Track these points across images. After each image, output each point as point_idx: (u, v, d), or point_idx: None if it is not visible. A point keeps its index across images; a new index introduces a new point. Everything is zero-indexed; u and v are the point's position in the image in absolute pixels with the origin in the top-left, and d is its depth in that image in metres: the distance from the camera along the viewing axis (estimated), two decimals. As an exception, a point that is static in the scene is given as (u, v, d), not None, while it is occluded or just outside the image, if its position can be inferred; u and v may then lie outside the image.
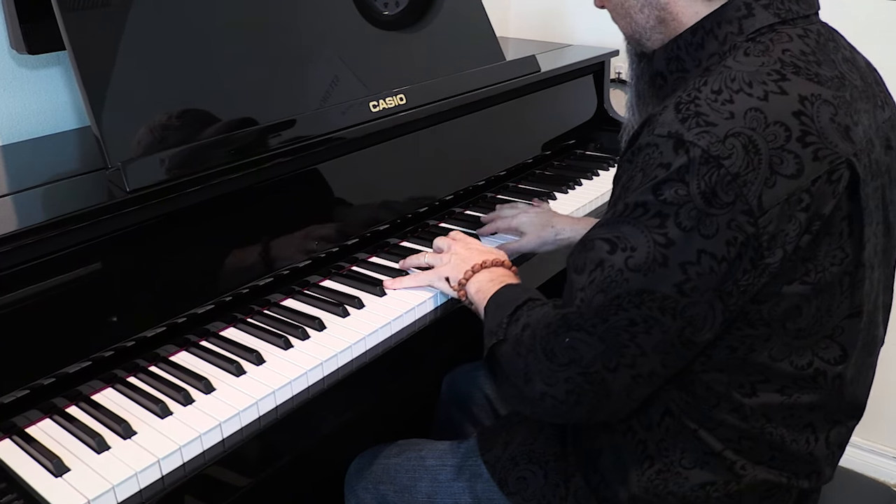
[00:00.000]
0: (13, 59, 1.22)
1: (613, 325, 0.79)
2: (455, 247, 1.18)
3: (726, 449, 0.88)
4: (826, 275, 0.80)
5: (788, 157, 0.75)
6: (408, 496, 1.14)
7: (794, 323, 0.81)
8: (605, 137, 1.88)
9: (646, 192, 0.77)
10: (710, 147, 0.73)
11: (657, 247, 0.76)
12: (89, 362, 0.98)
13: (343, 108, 1.26)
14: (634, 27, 0.93)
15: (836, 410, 0.89)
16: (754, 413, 0.86)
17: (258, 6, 1.25)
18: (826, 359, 0.85)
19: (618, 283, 0.78)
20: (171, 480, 0.86)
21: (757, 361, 0.83)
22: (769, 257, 0.76)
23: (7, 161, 1.18)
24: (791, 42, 0.81)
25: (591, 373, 0.82)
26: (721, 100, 0.76)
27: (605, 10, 0.99)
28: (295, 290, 1.20)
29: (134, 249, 1.01)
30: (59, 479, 0.83)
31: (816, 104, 0.77)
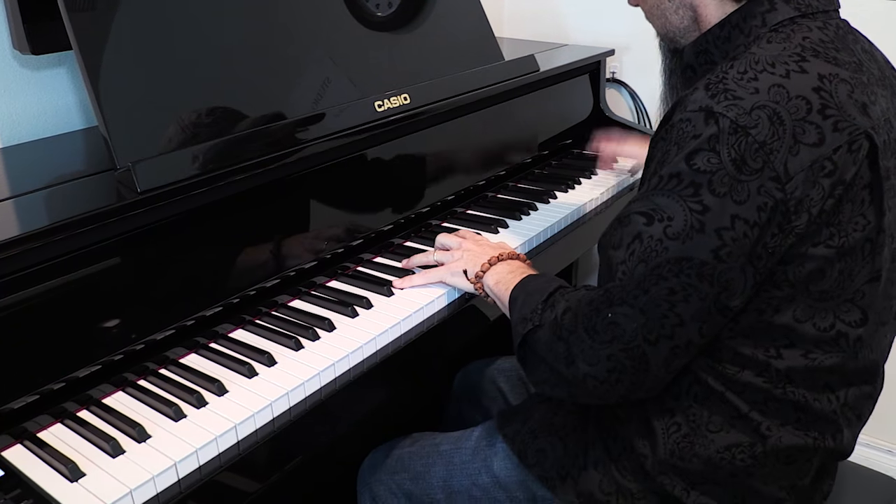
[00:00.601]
0: (16, 59, 1.21)
1: (654, 296, 0.82)
2: (465, 243, 1.20)
3: (752, 410, 0.90)
4: (849, 240, 0.84)
5: (810, 127, 0.79)
6: (423, 482, 1.15)
7: (817, 285, 0.85)
8: (602, 136, 1.88)
9: (679, 162, 0.81)
10: (738, 118, 0.78)
11: (693, 214, 0.80)
12: (99, 366, 0.97)
13: (348, 108, 1.25)
14: (669, 27, 0.99)
15: (850, 373, 0.91)
16: (779, 375, 0.88)
17: (260, 9, 1.24)
18: (847, 321, 0.88)
19: (657, 253, 0.82)
20: (187, 484, 0.85)
21: (782, 323, 0.86)
22: (795, 220, 0.80)
23: (12, 163, 1.16)
24: (811, 32, 0.87)
25: (631, 347, 0.85)
26: (747, 78, 0.81)
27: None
28: (302, 291, 1.19)
29: (142, 251, 1.00)
30: (75, 484, 0.82)
31: (834, 82, 0.82)
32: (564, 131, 1.82)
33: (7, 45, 1.19)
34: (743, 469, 0.92)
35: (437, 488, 1.14)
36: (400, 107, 1.32)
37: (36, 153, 1.19)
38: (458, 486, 1.12)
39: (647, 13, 1.02)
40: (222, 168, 1.04)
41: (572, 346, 0.89)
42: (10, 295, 0.89)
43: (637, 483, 0.97)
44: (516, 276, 1.07)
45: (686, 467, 0.94)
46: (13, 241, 0.88)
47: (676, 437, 0.94)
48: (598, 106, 1.89)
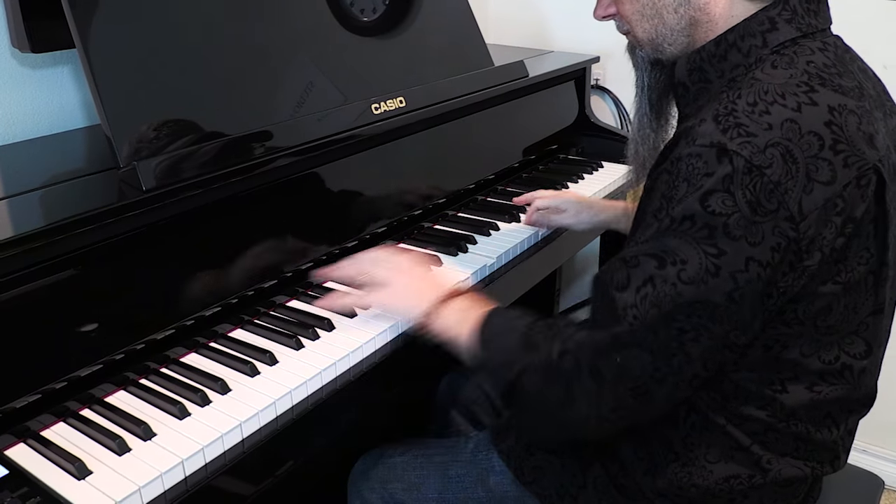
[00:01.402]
0: (15, 57, 1.21)
1: (663, 337, 0.80)
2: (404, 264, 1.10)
3: (754, 444, 0.90)
4: (854, 274, 0.83)
5: (823, 164, 0.77)
6: (416, 493, 1.14)
7: (824, 320, 0.84)
8: (587, 142, 1.92)
9: (692, 203, 0.77)
10: (753, 157, 0.75)
11: (708, 258, 0.77)
12: (100, 365, 0.97)
13: (330, 113, 1.26)
14: (661, 29, 0.92)
15: (853, 401, 0.92)
16: (783, 408, 0.88)
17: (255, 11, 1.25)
18: (852, 353, 0.88)
19: (671, 297, 0.79)
20: (193, 481, 0.85)
21: (788, 358, 0.86)
22: (808, 260, 0.78)
23: (11, 161, 1.16)
24: (814, 55, 0.84)
25: (638, 386, 0.82)
26: (758, 111, 0.78)
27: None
28: (299, 292, 1.20)
29: (144, 250, 1.00)
30: (83, 482, 0.81)
31: (844, 114, 0.80)
32: (551, 136, 1.84)
33: (6, 44, 1.18)
34: (740, 493, 0.93)
35: (432, 500, 1.13)
36: (395, 110, 1.33)
37: (36, 151, 1.19)
38: (452, 499, 1.12)
39: (633, 15, 0.94)
40: (227, 168, 1.04)
41: (574, 390, 0.85)
42: (12, 291, 0.89)
43: (636, 501, 0.97)
44: (472, 316, 0.98)
45: (684, 495, 0.94)
46: (14, 241, 0.87)
47: (675, 468, 0.93)
48: (583, 112, 1.92)
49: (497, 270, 1.32)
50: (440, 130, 1.50)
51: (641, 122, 1.05)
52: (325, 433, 1.02)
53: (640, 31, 0.95)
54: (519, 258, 1.37)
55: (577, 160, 1.86)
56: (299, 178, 1.20)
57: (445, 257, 1.31)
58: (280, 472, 0.95)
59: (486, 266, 1.29)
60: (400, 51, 1.48)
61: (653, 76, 1.01)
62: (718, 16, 0.88)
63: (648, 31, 0.94)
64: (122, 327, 0.98)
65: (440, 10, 1.58)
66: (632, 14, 0.94)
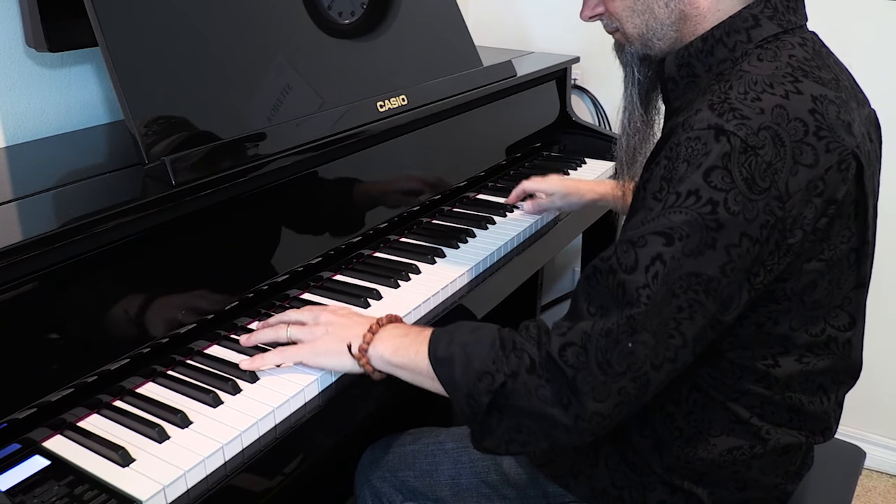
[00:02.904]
0: (31, 57, 1.22)
1: (665, 317, 0.82)
2: (323, 315, 1.03)
3: (752, 416, 0.96)
4: (837, 252, 0.89)
5: (807, 148, 0.83)
6: (430, 480, 1.17)
7: (810, 296, 0.90)
8: (568, 139, 1.98)
9: (697, 179, 0.81)
10: (748, 138, 0.80)
11: (708, 231, 0.80)
12: (128, 359, 0.98)
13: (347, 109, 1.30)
14: (651, 24, 0.96)
15: (842, 372, 0.98)
16: (777, 381, 0.94)
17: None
18: (837, 326, 0.94)
19: (675, 271, 0.81)
20: (232, 466, 0.88)
21: (779, 333, 0.91)
22: (791, 238, 0.84)
23: (31, 160, 1.17)
24: (794, 49, 0.90)
25: (639, 375, 0.83)
26: (750, 98, 0.83)
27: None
28: (311, 286, 1.23)
29: (172, 244, 1.03)
30: (127, 469, 0.84)
31: (825, 103, 0.86)
32: (534, 134, 1.90)
33: (21, 43, 1.19)
34: (743, 464, 0.98)
35: (445, 486, 1.16)
36: (399, 107, 1.37)
37: (58, 149, 1.20)
38: (466, 484, 1.14)
39: (624, 11, 0.98)
40: (248, 163, 1.08)
41: (578, 384, 0.83)
42: (46, 286, 0.90)
43: (648, 476, 1.02)
44: (419, 336, 0.95)
45: (692, 468, 0.99)
46: (46, 237, 0.89)
47: (679, 443, 0.98)
48: (564, 110, 1.97)
49: (496, 262, 1.37)
50: (432, 130, 1.54)
51: (632, 116, 1.09)
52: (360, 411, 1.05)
53: (630, 26, 0.98)
54: (515, 251, 1.42)
55: (559, 157, 1.92)
56: (305, 175, 1.24)
57: (448, 250, 1.35)
58: (313, 454, 0.97)
59: (488, 257, 1.34)
60: (384, 53, 1.51)
61: (641, 72, 1.05)
62: (706, 9, 0.93)
63: (639, 27, 0.98)
64: (149, 321, 1.00)
65: (426, 12, 1.62)
66: (622, 10, 0.98)
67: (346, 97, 1.35)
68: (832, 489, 1.23)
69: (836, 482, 1.24)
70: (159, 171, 0.99)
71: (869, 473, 2.13)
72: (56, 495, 0.80)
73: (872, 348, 1.94)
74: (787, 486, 1.03)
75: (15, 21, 1.19)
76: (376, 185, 1.39)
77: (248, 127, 1.15)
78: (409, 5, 1.57)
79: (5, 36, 1.20)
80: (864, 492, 2.08)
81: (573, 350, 0.84)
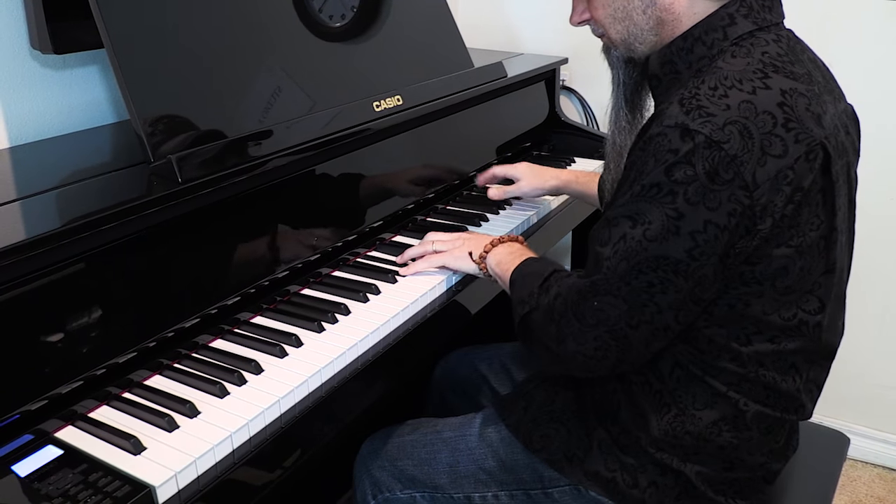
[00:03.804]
0: (36, 59, 1.25)
1: (635, 288, 0.93)
2: (462, 234, 1.30)
3: (730, 390, 1.01)
4: (806, 239, 0.94)
5: (776, 140, 0.88)
6: (428, 468, 1.21)
7: (781, 281, 0.95)
8: (557, 139, 2.02)
9: (659, 174, 0.89)
10: (712, 134, 0.86)
11: (670, 219, 0.89)
12: (135, 352, 1.01)
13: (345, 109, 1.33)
14: (632, 30, 1.02)
15: (813, 353, 1.03)
16: (750, 360, 0.99)
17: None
18: (807, 310, 0.99)
19: (637, 252, 0.91)
20: (240, 454, 0.91)
21: (752, 315, 0.97)
22: (760, 224, 0.89)
23: (37, 159, 1.19)
24: (768, 46, 0.95)
25: (615, 330, 0.95)
26: (718, 94, 0.89)
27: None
28: (311, 282, 1.26)
29: (176, 240, 1.06)
30: (140, 457, 0.86)
31: (794, 96, 0.90)
32: (524, 134, 1.93)
33: (26, 45, 1.22)
34: (729, 442, 1.03)
35: (443, 473, 1.19)
36: (394, 107, 1.40)
37: (62, 149, 1.23)
38: (464, 472, 1.18)
39: (606, 18, 1.04)
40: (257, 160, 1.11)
41: (563, 328, 0.99)
42: (55, 281, 0.93)
43: (638, 458, 1.06)
44: (516, 258, 1.17)
45: (680, 443, 1.03)
46: (56, 234, 0.91)
47: (668, 418, 1.03)
48: (553, 110, 2.01)
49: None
50: (425, 130, 1.57)
51: (618, 115, 1.15)
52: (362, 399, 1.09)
53: (613, 32, 1.05)
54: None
55: (550, 156, 1.96)
56: (301, 175, 1.27)
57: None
58: (316, 443, 1.00)
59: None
60: (376, 55, 1.54)
61: (627, 73, 1.11)
62: (682, 13, 0.98)
63: (621, 32, 1.04)
64: (154, 315, 1.03)
65: (417, 14, 1.65)
66: (605, 18, 1.04)
67: (341, 99, 1.38)
68: (817, 473, 1.28)
69: (820, 467, 1.29)
70: (165, 170, 1.02)
71: (854, 463, 2.18)
72: (71, 482, 0.82)
73: (858, 340, 2.01)
74: (772, 465, 1.08)
75: (20, 24, 1.22)
76: (372, 183, 1.42)
77: (251, 126, 1.18)
78: (399, 8, 1.60)
79: (10, 38, 1.23)
80: (849, 481, 2.12)
81: (560, 300, 1.01)
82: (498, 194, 1.56)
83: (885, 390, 2.11)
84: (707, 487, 1.05)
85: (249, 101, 1.23)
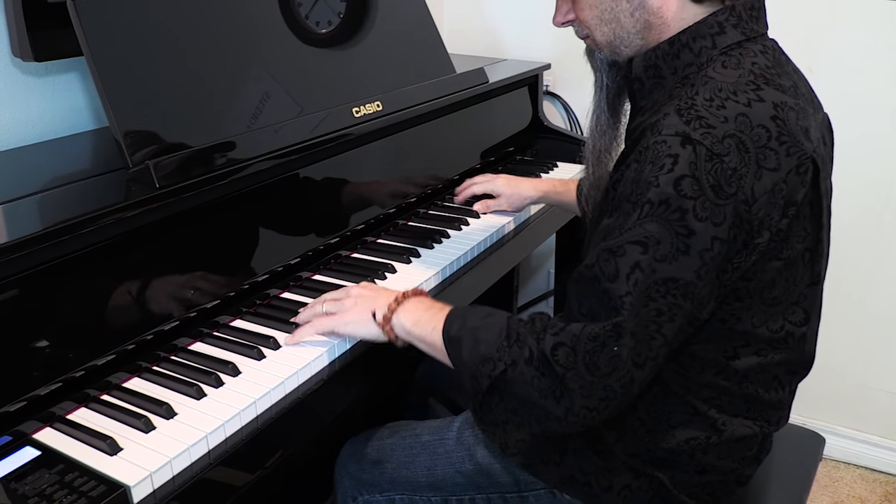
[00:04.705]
0: (17, 66, 1.26)
1: (644, 318, 0.86)
2: (354, 290, 1.13)
3: (711, 408, 1.01)
4: (794, 251, 0.94)
5: (770, 153, 0.88)
6: (407, 472, 1.22)
7: (769, 293, 0.95)
8: (540, 144, 2.04)
9: (666, 187, 0.85)
10: (713, 146, 0.85)
11: (680, 238, 0.85)
12: (114, 355, 1.02)
13: (324, 115, 1.35)
14: (618, 32, 1.00)
15: (796, 364, 1.04)
16: (736, 373, 0.99)
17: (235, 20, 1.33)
18: (794, 322, 0.99)
19: (647, 276, 0.86)
20: (216, 454, 0.92)
21: (741, 329, 0.96)
22: (758, 238, 0.89)
23: (19, 164, 1.21)
24: (756, 57, 0.95)
25: (624, 375, 0.88)
26: (715, 105, 0.88)
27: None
28: (291, 285, 1.27)
29: (154, 245, 1.07)
30: (116, 458, 0.88)
31: (785, 110, 0.90)
32: (508, 139, 1.95)
33: (7, 53, 1.24)
34: (700, 450, 1.03)
35: (421, 476, 1.20)
36: (373, 113, 1.42)
37: (44, 155, 1.24)
38: (442, 475, 1.19)
39: (592, 20, 1.02)
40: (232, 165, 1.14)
41: (568, 382, 0.89)
42: (32, 286, 0.94)
43: (612, 463, 1.07)
44: (438, 313, 1.04)
45: (653, 455, 1.04)
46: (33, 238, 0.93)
47: (641, 433, 1.03)
48: (536, 116, 2.03)
49: (470, 261, 1.42)
50: (407, 135, 1.58)
51: (599, 119, 1.15)
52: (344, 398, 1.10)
53: (598, 34, 1.03)
54: (488, 250, 1.47)
55: (533, 161, 1.98)
56: (284, 178, 1.29)
57: (423, 250, 1.40)
58: (293, 444, 1.02)
59: (461, 256, 1.39)
60: (359, 61, 1.55)
61: (610, 76, 1.09)
62: (670, 19, 0.97)
63: (607, 34, 1.02)
64: (133, 318, 1.04)
65: (401, 21, 1.67)
66: (591, 19, 1.02)
67: (323, 103, 1.39)
68: (792, 474, 1.29)
69: (795, 467, 1.31)
70: (143, 175, 1.04)
71: (836, 464, 2.20)
72: (48, 482, 0.83)
73: (840, 340, 2.03)
74: (744, 471, 1.09)
75: (1, 32, 1.23)
76: (354, 188, 1.44)
77: (228, 133, 1.20)
78: (384, 15, 1.62)
79: (-9, 46, 1.24)
80: (831, 482, 2.15)
81: (564, 350, 0.90)
82: (482, 209, 1.57)
83: (865, 391, 2.13)
84: (680, 491, 1.06)
85: (230, 107, 1.25)
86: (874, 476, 2.17)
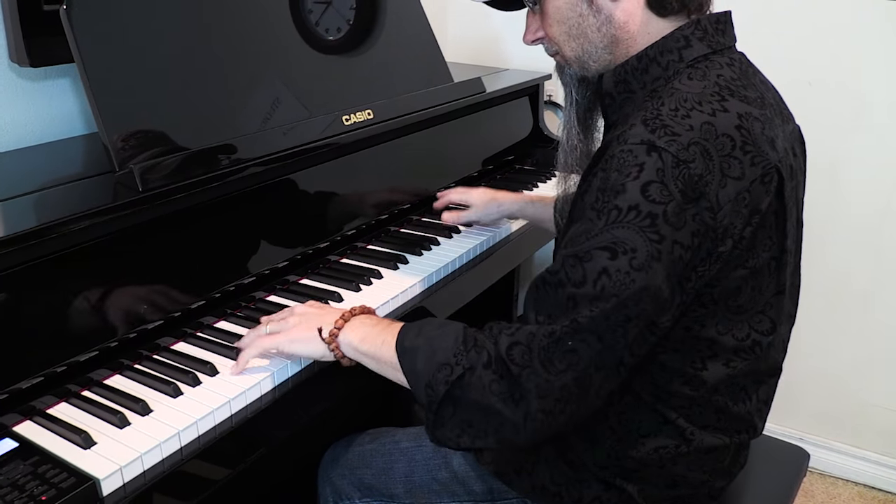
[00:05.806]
0: (14, 71, 1.31)
1: (613, 323, 0.87)
2: (298, 308, 1.12)
3: (679, 417, 1.02)
4: (759, 260, 0.95)
5: (734, 162, 0.89)
6: (385, 478, 1.23)
7: (734, 300, 0.96)
8: (540, 153, 2.05)
9: (634, 194, 0.85)
10: (679, 153, 0.86)
11: (652, 244, 0.85)
12: (96, 352, 1.05)
13: (322, 120, 1.37)
14: (586, 47, 1.02)
15: (761, 373, 1.04)
16: (704, 384, 0.99)
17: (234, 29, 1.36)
18: (760, 330, 1.00)
19: (626, 285, 0.85)
20: (188, 451, 0.95)
21: (706, 337, 0.97)
22: (721, 246, 0.89)
23: (11, 167, 1.25)
24: (722, 69, 0.96)
25: (582, 375, 0.88)
26: (680, 115, 0.89)
27: None
28: (277, 288, 1.30)
29: (139, 246, 1.10)
30: (89, 451, 0.91)
31: (750, 120, 0.92)
32: (507, 148, 1.97)
33: (4, 58, 1.28)
34: (669, 461, 1.04)
35: (399, 483, 1.21)
36: (364, 121, 1.44)
37: (36, 158, 1.29)
38: (419, 481, 1.20)
39: (560, 36, 1.03)
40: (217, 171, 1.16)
41: (523, 382, 0.89)
42: (18, 283, 0.98)
43: (583, 474, 1.08)
44: (387, 328, 1.03)
45: (622, 465, 1.05)
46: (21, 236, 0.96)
47: (612, 442, 1.04)
48: (537, 125, 2.05)
49: (457, 269, 1.44)
50: (404, 142, 1.61)
51: (570, 133, 1.16)
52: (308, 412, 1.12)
53: (567, 50, 1.04)
54: (477, 258, 1.49)
55: (531, 170, 1.99)
56: (274, 183, 1.31)
57: (411, 257, 1.42)
58: (268, 444, 1.04)
59: (449, 264, 1.41)
60: (363, 69, 1.58)
61: (580, 92, 1.11)
62: (636, 33, 0.99)
63: (575, 50, 1.03)
64: (117, 317, 1.07)
65: (402, 30, 1.70)
66: (559, 35, 1.04)
67: (315, 110, 1.42)
68: (769, 489, 1.29)
69: (773, 482, 1.30)
70: (129, 179, 1.07)
71: (834, 481, 2.19)
72: (21, 473, 0.86)
73: (843, 356, 2.01)
74: (715, 483, 1.09)
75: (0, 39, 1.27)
76: (347, 194, 1.46)
77: (214, 138, 1.23)
78: (388, 23, 1.65)
79: (-11, 53, 1.28)
80: (829, 499, 2.13)
81: (519, 349, 0.90)
82: (451, 219, 1.54)
83: (864, 407, 2.12)
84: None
85: (218, 114, 1.28)
86: (872, 494, 2.15)
